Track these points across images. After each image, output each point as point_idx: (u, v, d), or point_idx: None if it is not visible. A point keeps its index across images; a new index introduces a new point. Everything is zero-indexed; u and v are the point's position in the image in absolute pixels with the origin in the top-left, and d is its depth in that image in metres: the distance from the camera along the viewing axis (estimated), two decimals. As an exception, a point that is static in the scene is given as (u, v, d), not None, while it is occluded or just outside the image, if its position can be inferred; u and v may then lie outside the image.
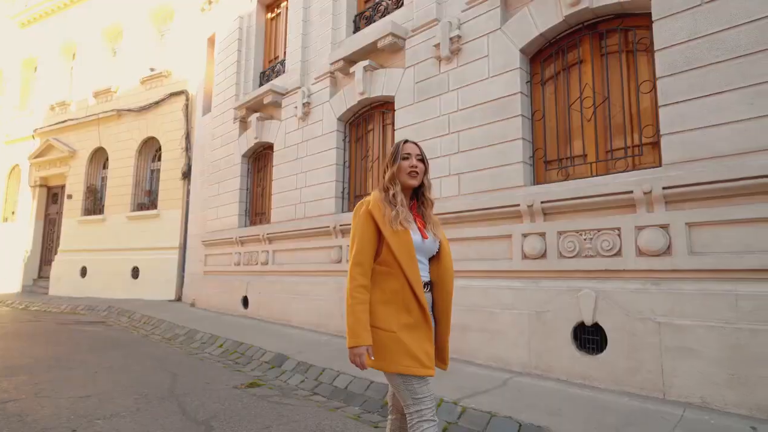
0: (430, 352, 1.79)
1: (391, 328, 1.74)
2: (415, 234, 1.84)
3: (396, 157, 1.92)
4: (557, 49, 4.63)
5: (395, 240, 1.77)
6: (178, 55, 11.92)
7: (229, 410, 3.52)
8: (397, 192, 1.88)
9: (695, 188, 3.43)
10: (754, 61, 3.25)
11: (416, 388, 1.74)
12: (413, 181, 1.91)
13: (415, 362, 1.72)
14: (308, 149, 7.39)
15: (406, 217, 1.84)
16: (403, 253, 1.77)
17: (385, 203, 1.85)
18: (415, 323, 1.78)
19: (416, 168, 1.91)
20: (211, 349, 6.04)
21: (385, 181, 1.93)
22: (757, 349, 3.07)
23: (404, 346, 1.72)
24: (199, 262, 10.12)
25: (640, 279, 3.70)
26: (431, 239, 1.91)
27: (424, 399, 1.74)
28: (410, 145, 1.96)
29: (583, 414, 3.18)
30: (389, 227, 1.78)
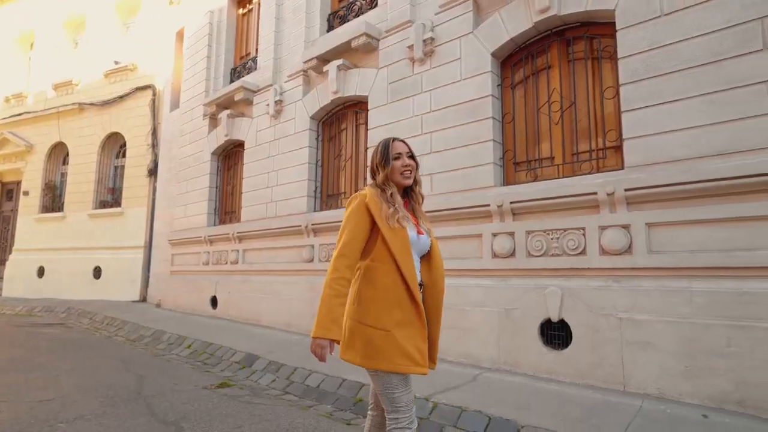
0: (424, 350, 1.74)
1: (383, 327, 1.69)
2: (411, 231, 1.80)
3: (387, 158, 1.87)
4: (527, 54, 4.77)
5: (392, 236, 1.73)
6: (144, 49, 11.58)
7: (200, 410, 3.47)
8: (395, 192, 1.84)
9: (654, 190, 3.61)
10: (707, 72, 3.44)
11: (397, 395, 1.71)
12: (408, 180, 1.88)
13: (408, 360, 1.68)
14: (280, 147, 7.32)
15: (405, 215, 1.81)
16: (400, 249, 1.73)
17: (382, 200, 1.80)
18: (409, 320, 1.72)
19: (409, 167, 1.88)
20: (178, 350, 5.91)
21: (380, 183, 1.87)
22: (709, 342, 3.26)
23: (397, 344, 1.67)
24: (165, 261, 9.86)
25: (603, 277, 3.86)
26: (425, 236, 1.87)
27: (404, 407, 1.71)
28: (399, 143, 1.91)
29: (549, 407, 3.29)
30: (386, 224, 1.74)
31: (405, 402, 1.72)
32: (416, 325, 1.74)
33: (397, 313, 1.71)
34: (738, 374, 3.12)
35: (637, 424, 2.94)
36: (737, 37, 3.34)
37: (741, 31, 3.32)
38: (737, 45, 3.33)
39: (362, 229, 1.76)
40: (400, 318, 1.71)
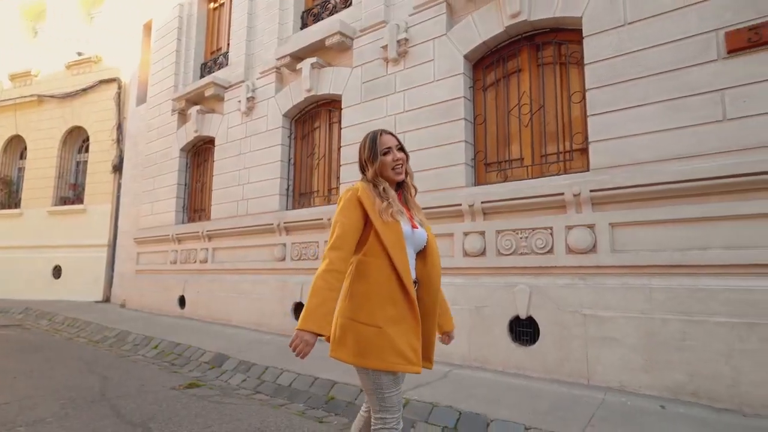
0: (417, 347, 1.67)
1: (375, 323, 1.61)
2: (405, 225, 1.73)
3: (375, 153, 1.78)
4: (498, 58, 4.88)
5: (385, 230, 1.66)
6: (109, 41, 11.18)
7: (168, 411, 3.39)
8: (387, 188, 1.77)
9: (617, 192, 3.76)
10: (667, 79, 3.62)
11: (387, 395, 1.65)
12: (400, 176, 1.81)
13: (401, 359, 1.61)
14: (252, 145, 7.23)
15: (399, 208, 1.74)
16: (393, 243, 1.66)
17: (375, 194, 1.73)
18: (402, 317, 1.65)
19: (400, 161, 1.80)
20: (145, 351, 5.75)
21: (371, 178, 1.79)
22: (667, 337, 3.42)
23: (390, 341, 1.60)
24: (130, 260, 9.57)
25: (569, 275, 3.99)
26: (420, 230, 1.80)
27: (392, 408, 1.66)
28: (387, 136, 1.82)
29: (517, 401, 3.38)
30: (380, 218, 1.67)
31: (394, 402, 1.67)
32: (410, 322, 1.67)
33: (391, 309, 1.64)
34: (692, 366, 3.29)
35: (599, 416, 3.06)
36: (695, 47, 3.52)
37: (698, 42, 3.51)
38: (695, 54, 3.51)
39: (355, 223, 1.68)
40: (394, 315, 1.64)
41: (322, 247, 5.91)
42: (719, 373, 3.20)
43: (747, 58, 3.31)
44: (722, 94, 3.38)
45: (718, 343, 3.22)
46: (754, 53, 3.29)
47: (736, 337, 3.16)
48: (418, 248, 1.81)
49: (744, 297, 3.17)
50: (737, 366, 3.14)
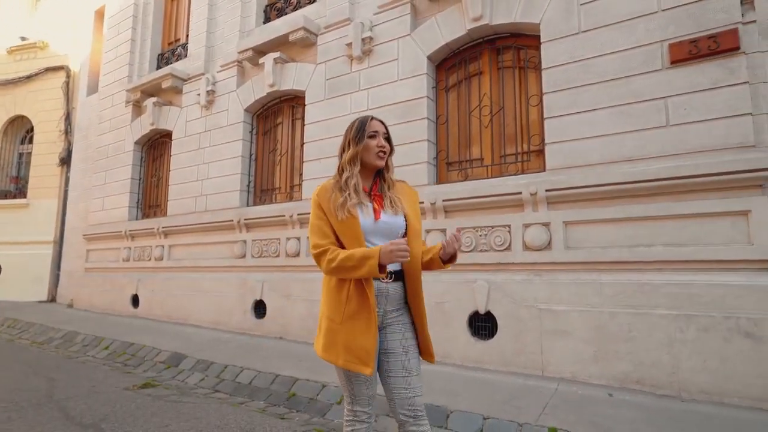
0: (369, 347, 1.62)
1: (335, 319, 1.65)
2: (365, 217, 1.68)
3: (362, 135, 1.74)
4: (460, 60, 5.00)
5: (341, 228, 1.65)
6: (57, 26, 10.60)
7: (121, 411, 3.28)
8: (352, 175, 1.72)
9: (571, 191, 3.94)
10: (617, 86, 3.83)
11: (355, 387, 1.68)
12: (380, 162, 1.76)
13: (352, 357, 1.61)
14: (212, 139, 7.05)
15: (356, 202, 1.68)
16: (350, 239, 1.64)
17: (334, 189, 1.71)
18: (356, 315, 1.63)
19: (384, 148, 1.76)
20: (94, 352, 5.51)
21: (343, 161, 1.75)
22: (615, 329, 3.63)
23: (343, 338, 1.62)
24: (79, 258, 9.12)
25: (525, 271, 4.15)
26: (389, 216, 1.72)
27: (361, 401, 1.69)
28: (377, 122, 1.78)
29: (476, 393, 3.49)
30: (335, 216, 1.65)
31: (364, 395, 1.69)
32: (363, 320, 1.63)
33: (347, 306, 1.64)
34: (637, 356, 3.51)
35: (552, 405, 3.21)
36: (642, 57, 3.74)
37: (645, 52, 3.73)
38: (642, 64, 3.74)
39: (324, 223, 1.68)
40: (349, 312, 1.64)
41: (284, 244, 5.85)
42: (660, 362, 3.42)
43: (688, 68, 3.56)
44: (666, 102, 3.61)
45: (659, 334, 3.44)
46: (694, 64, 3.54)
47: (676, 328, 3.39)
48: (394, 235, 1.72)
49: (683, 291, 3.41)
50: (677, 355, 3.37)
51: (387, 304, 1.72)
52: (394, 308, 1.74)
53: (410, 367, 1.71)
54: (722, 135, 3.39)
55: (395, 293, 1.73)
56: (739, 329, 3.19)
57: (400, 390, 1.68)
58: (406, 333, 1.75)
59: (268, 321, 5.82)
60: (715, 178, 3.37)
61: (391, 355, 1.71)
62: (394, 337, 1.73)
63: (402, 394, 1.68)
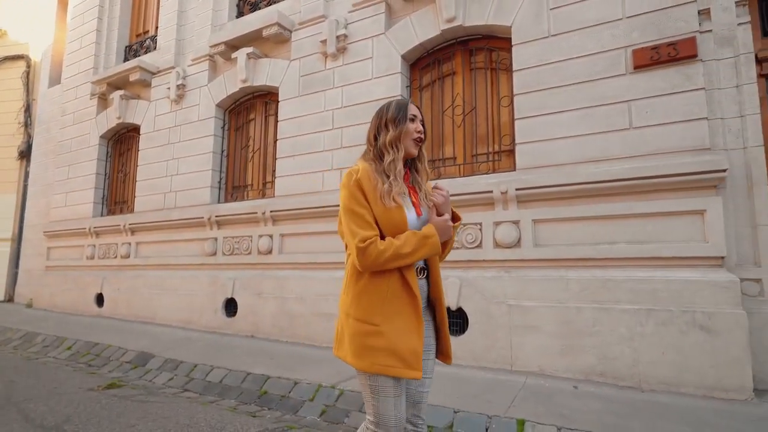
0: (418, 349, 1.45)
1: (372, 321, 1.45)
2: (409, 211, 1.55)
3: (402, 118, 1.59)
4: (434, 60, 5.06)
5: (386, 218, 1.48)
6: (17, 13, 10.14)
7: (85, 413, 3.18)
8: (397, 159, 1.56)
9: (540, 190, 4.05)
10: (584, 89, 3.96)
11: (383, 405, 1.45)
12: (415, 150, 1.62)
13: (398, 361, 1.42)
14: (182, 135, 6.90)
15: (401, 190, 1.54)
16: (392, 229, 1.49)
17: (377, 174, 1.53)
18: (403, 314, 1.47)
19: (422, 134, 1.63)
20: (56, 353, 5.31)
21: (382, 144, 1.58)
22: (581, 324, 3.75)
23: (387, 341, 1.42)
24: (39, 255, 8.77)
25: (496, 268, 4.24)
26: (425, 216, 1.60)
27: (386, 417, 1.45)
28: (414, 106, 1.65)
29: (448, 388, 3.54)
30: (380, 203, 1.48)
31: (391, 413, 1.46)
32: (412, 320, 1.47)
33: (390, 305, 1.47)
34: (601, 350, 3.64)
35: (521, 397, 3.30)
36: (607, 62, 3.89)
37: (610, 57, 3.88)
38: (607, 68, 3.88)
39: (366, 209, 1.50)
40: (393, 312, 1.47)
41: (256, 241, 5.79)
42: (623, 355, 3.56)
43: (650, 74, 3.72)
44: (629, 105, 3.76)
45: (621, 328, 3.58)
46: (655, 70, 3.70)
47: (636, 322, 3.54)
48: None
49: (644, 286, 3.56)
50: (637, 348, 3.52)
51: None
52: (424, 306, 1.59)
53: (428, 368, 1.62)
54: (680, 138, 3.56)
55: (424, 290, 1.60)
56: (694, 323, 3.36)
57: (413, 391, 1.59)
58: (428, 331, 1.63)
59: (240, 319, 5.75)
60: (674, 179, 3.53)
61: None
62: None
63: (414, 396, 1.59)
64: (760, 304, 3.39)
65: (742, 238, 3.50)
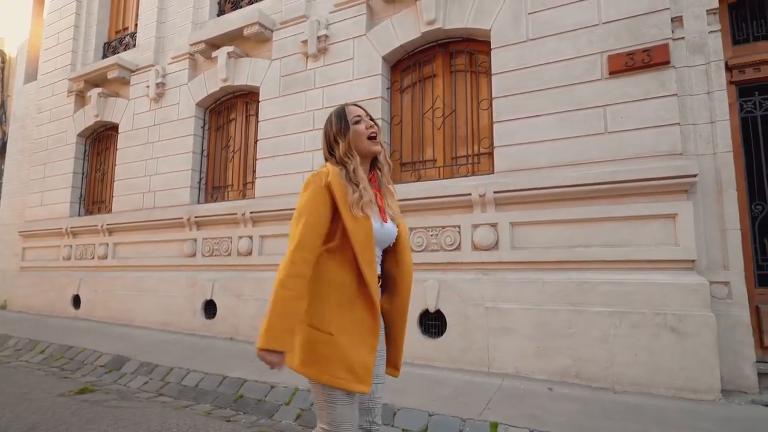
0: (370, 364, 1.43)
1: (327, 329, 1.41)
2: (375, 220, 1.51)
3: (346, 123, 1.55)
4: (415, 62, 5.07)
5: (355, 227, 1.44)
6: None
7: (53, 419, 3.11)
8: (357, 167, 1.51)
9: (518, 193, 4.09)
10: (561, 93, 4.00)
11: (337, 413, 1.43)
12: (376, 146, 1.57)
13: (348, 374, 1.39)
14: (161, 134, 6.80)
15: (371, 198, 1.50)
16: (362, 242, 1.45)
17: (346, 181, 1.49)
18: (360, 326, 1.45)
19: (375, 129, 1.58)
20: (29, 356, 5.20)
21: (339, 159, 1.54)
22: (556, 326, 3.79)
23: (340, 352, 1.40)
24: (14, 256, 8.57)
25: (474, 270, 4.27)
26: (390, 223, 1.58)
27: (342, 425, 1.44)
28: (354, 107, 1.61)
29: (424, 390, 3.55)
30: (350, 212, 1.44)
31: (345, 419, 1.44)
32: (368, 332, 1.46)
33: (348, 315, 1.44)
34: (575, 351, 3.69)
35: (496, 399, 3.33)
36: (584, 67, 3.93)
37: (587, 62, 3.92)
38: (584, 73, 3.93)
39: (322, 216, 1.46)
40: (350, 322, 1.44)
41: (236, 242, 5.73)
42: (597, 357, 3.61)
43: (625, 79, 3.77)
44: (604, 110, 3.81)
45: (595, 330, 3.63)
46: (630, 76, 3.75)
47: (610, 325, 3.59)
48: (386, 244, 1.61)
49: (618, 289, 3.62)
50: (611, 350, 3.57)
51: None
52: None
53: (378, 374, 1.59)
54: (653, 143, 3.62)
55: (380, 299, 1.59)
56: (666, 325, 3.42)
57: (365, 397, 1.57)
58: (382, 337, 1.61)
59: (219, 321, 5.69)
60: (647, 183, 3.59)
61: None
62: None
63: (365, 402, 1.57)
64: (728, 307, 3.46)
65: (712, 242, 3.57)
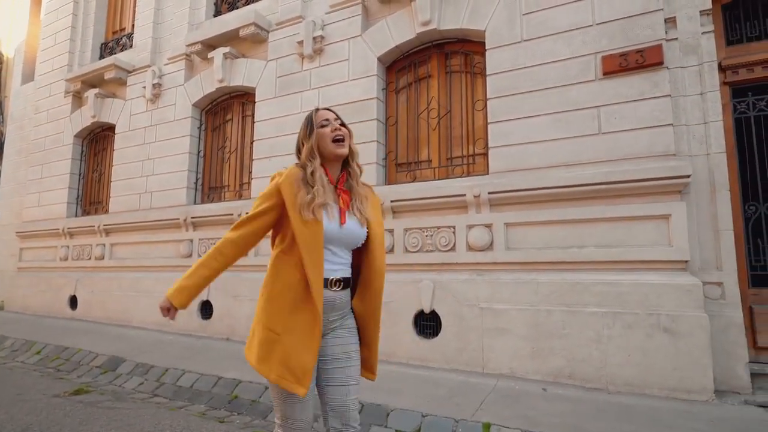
0: (308, 365, 1.47)
1: (275, 329, 1.48)
2: (330, 221, 1.54)
3: (312, 127, 1.62)
4: (410, 63, 5.07)
5: (302, 230, 1.49)
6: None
7: (47, 420, 3.12)
8: (316, 168, 1.57)
9: (512, 194, 4.09)
10: (556, 94, 4.01)
11: (288, 407, 1.51)
12: (341, 149, 1.62)
13: (289, 374, 1.45)
14: (158, 134, 6.80)
15: (323, 201, 1.54)
16: (308, 244, 1.49)
17: (301, 183, 1.54)
18: (301, 328, 1.49)
19: (340, 132, 1.62)
20: (25, 357, 5.20)
21: (302, 161, 1.61)
22: (550, 326, 3.80)
23: (283, 353, 1.46)
24: (11, 256, 8.57)
25: (468, 270, 4.27)
26: (354, 224, 1.60)
27: (293, 423, 1.52)
28: (324, 111, 1.67)
29: (418, 391, 3.56)
30: (299, 215, 1.49)
31: (297, 416, 1.52)
32: (307, 336, 1.49)
33: (291, 317, 1.50)
34: (569, 352, 3.69)
35: (490, 400, 3.33)
36: (578, 68, 3.94)
37: (581, 63, 3.93)
38: (578, 74, 3.93)
39: (266, 211, 1.55)
40: (293, 323, 1.49)
41: (232, 243, 5.72)
42: (590, 357, 3.62)
43: (618, 80, 3.77)
44: (599, 111, 3.82)
45: (589, 331, 3.64)
46: (624, 76, 3.76)
47: (604, 325, 3.60)
48: (353, 245, 1.63)
49: (611, 290, 3.62)
50: (605, 350, 3.57)
51: (332, 312, 1.61)
52: (338, 315, 1.63)
53: (350, 375, 1.61)
54: (647, 144, 3.63)
55: (342, 301, 1.63)
56: (659, 325, 3.42)
57: (337, 401, 1.58)
58: (348, 338, 1.64)
59: (215, 321, 5.69)
60: (641, 183, 3.59)
61: (330, 362, 1.60)
62: (335, 342, 1.62)
63: (338, 406, 1.57)
64: (721, 307, 3.47)
65: (705, 243, 3.58)
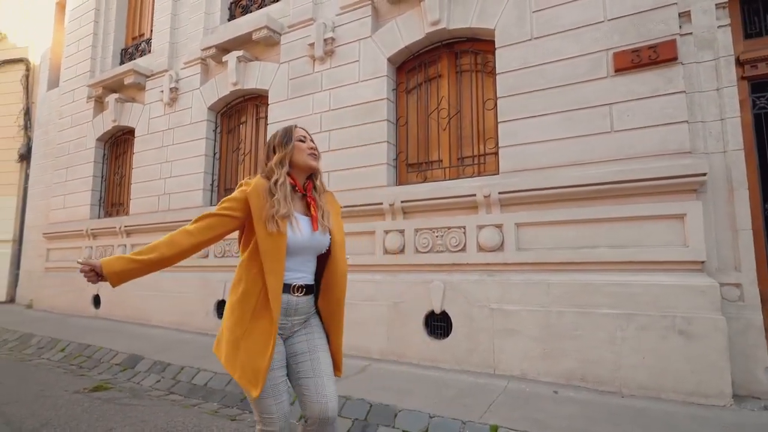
0: (260, 368, 1.55)
1: (236, 332, 1.59)
2: (294, 232, 1.62)
3: (289, 138, 1.72)
4: (420, 63, 5.06)
5: (266, 240, 1.57)
6: (16, 17, 10.25)
7: (66, 416, 3.23)
8: (282, 176, 1.66)
9: (523, 194, 4.05)
10: (566, 92, 3.95)
11: (259, 405, 1.60)
12: (314, 162, 1.75)
13: (244, 373, 1.56)
14: (175, 137, 6.95)
15: (287, 212, 1.61)
16: (269, 255, 1.57)
17: (267, 195, 1.62)
18: (257, 332, 1.58)
19: (316, 150, 1.76)
20: (50, 354, 5.39)
21: (270, 168, 1.68)
22: (562, 328, 3.75)
23: (241, 355, 1.57)
24: (39, 257, 8.87)
25: (479, 271, 4.24)
26: (320, 233, 1.70)
27: (269, 418, 1.60)
28: (302, 129, 1.79)
29: (427, 391, 3.56)
30: (263, 226, 1.57)
31: (272, 411, 1.60)
32: (262, 340, 1.58)
33: (252, 321, 1.59)
34: (582, 354, 3.64)
35: (499, 402, 3.31)
36: (589, 65, 3.87)
37: (592, 60, 3.86)
38: (588, 71, 3.86)
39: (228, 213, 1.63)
40: (252, 328, 1.59)
41: (247, 244, 5.81)
42: (603, 359, 3.56)
43: (631, 77, 3.69)
44: (610, 108, 3.74)
45: (602, 332, 3.57)
46: (636, 73, 3.67)
47: (617, 327, 3.53)
48: (318, 251, 1.74)
49: (624, 290, 3.55)
50: (618, 352, 3.51)
51: (295, 316, 1.71)
52: (302, 318, 1.74)
53: (320, 368, 1.67)
54: (661, 141, 3.54)
55: (305, 306, 1.73)
56: (674, 327, 3.34)
57: (310, 393, 1.63)
58: (313, 334, 1.74)
59: (231, 321, 5.78)
60: (655, 182, 3.51)
61: (299, 357, 1.69)
62: (300, 339, 1.72)
63: (311, 397, 1.62)
64: (739, 309, 3.37)
65: (723, 243, 3.47)
